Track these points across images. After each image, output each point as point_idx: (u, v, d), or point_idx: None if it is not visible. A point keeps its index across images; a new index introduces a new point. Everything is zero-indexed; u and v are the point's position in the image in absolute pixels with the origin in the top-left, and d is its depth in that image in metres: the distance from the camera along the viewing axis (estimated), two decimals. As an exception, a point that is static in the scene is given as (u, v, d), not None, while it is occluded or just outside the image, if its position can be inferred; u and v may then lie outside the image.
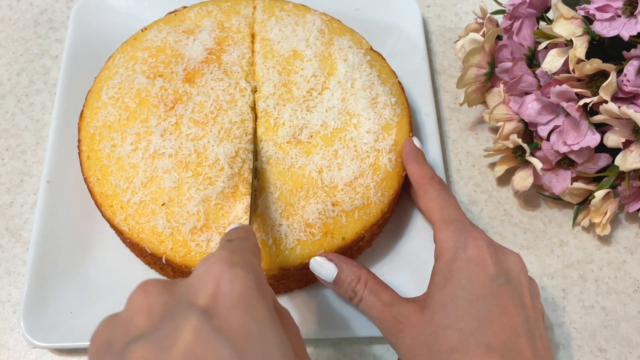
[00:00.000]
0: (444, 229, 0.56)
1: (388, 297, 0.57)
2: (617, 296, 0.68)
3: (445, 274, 0.54)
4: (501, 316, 0.51)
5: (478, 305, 0.52)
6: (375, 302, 0.57)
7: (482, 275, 0.53)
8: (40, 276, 0.63)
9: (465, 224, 0.56)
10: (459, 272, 0.53)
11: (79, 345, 0.61)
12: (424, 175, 0.62)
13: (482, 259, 0.54)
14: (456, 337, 0.51)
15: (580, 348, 0.66)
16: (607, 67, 0.60)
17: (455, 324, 0.51)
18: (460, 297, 0.52)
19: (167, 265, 0.60)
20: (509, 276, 0.54)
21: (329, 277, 0.59)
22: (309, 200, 0.60)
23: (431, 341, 0.52)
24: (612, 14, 0.60)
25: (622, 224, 0.72)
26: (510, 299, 0.52)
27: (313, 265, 0.59)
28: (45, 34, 0.83)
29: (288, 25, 0.70)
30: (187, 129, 0.63)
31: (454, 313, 0.52)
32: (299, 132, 0.64)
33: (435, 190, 0.60)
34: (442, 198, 0.59)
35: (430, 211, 0.59)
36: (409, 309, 0.55)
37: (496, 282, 0.53)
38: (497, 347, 0.50)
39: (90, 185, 0.63)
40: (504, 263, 0.55)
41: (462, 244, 0.55)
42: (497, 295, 0.52)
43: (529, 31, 0.67)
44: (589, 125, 0.63)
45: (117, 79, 0.66)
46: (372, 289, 0.57)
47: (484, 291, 0.52)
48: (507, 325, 0.51)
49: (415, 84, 0.76)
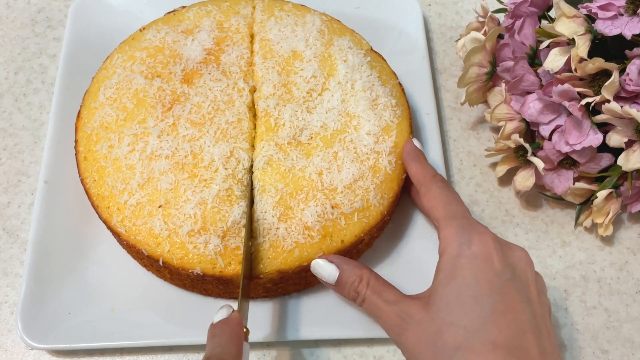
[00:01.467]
0: (448, 225, 0.56)
1: (391, 296, 0.56)
2: (619, 297, 0.68)
3: (449, 271, 0.53)
4: (507, 312, 0.51)
5: (483, 302, 0.51)
6: (379, 301, 0.56)
7: (488, 271, 0.52)
8: (38, 277, 0.62)
9: (469, 220, 0.56)
10: (464, 268, 0.53)
11: (77, 347, 0.60)
12: (425, 174, 0.62)
13: (487, 254, 0.53)
14: (461, 334, 0.50)
15: (582, 349, 0.65)
16: (609, 66, 0.59)
17: (459, 321, 0.51)
18: (464, 294, 0.52)
19: (165, 267, 0.60)
20: (515, 271, 0.54)
21: (331, 279, 0.58)
22: (308, 202, 0.60)
23: (436, 338, 0.51)
24: (615, 12, 0.60)
25: (625, 225, 0.72)
26: (516, 295, 0.52)
27: (314, 267, 0.59)
28: (43, 32, 0.83)
29: (287, 26, 0.70)
30: (184, 129, 0.62)
31: (458, 310, 0.51)
32: (299, 134, 0.63)
33: (438, 188, 0.59)
34: (445, 195, 0.59)
35: (434, 209, 0.58)
36: (413, 307, 0.54)
37: (502, 277, 0.52)
38: (502, 344, 0.49)
39: (87, 187, 0.63)
40: (510, 258, 0.54)
41: (466, 240, 0.54)
42: (503, 291, 0.52)
43: (531, 30, 0.67)
44: (591, 124, 0.63)
45: (115, 79, 0.66)
46: (375, 288, 0.57)
47: (489, 287, 0.52)
48: (513, 322, 0.50)
49: (416, 83, 0.75)
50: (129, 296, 0.63)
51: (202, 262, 0.58)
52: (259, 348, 0.63)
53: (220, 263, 0.58)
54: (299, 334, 0.62)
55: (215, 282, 0.60)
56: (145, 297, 0.64)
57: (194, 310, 0.63)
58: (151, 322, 0.62)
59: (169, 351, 0.63)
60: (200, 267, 0.58)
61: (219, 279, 0.59)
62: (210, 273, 0.58)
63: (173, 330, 0.61)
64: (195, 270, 0.58)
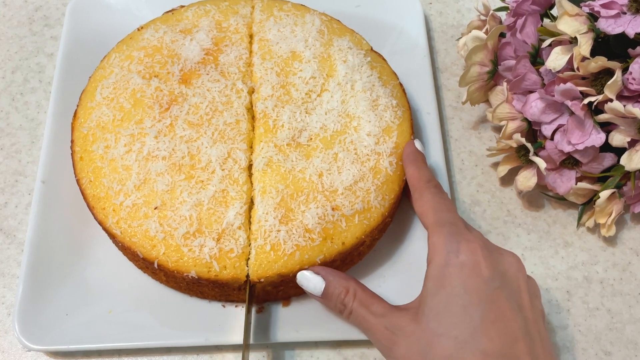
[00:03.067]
0: (437, 232, 0.55)
1: (379, 308, 0.55)
2: (622, 298, 0.67)
3: (437, 280, 0.53)
4: (496, 321, 0.51)
5: (472, 311, 0.51)
6: (366, 313, 0.56)
7: (476, 279, 0.52)
8: (35, 278, 0.62)
9: (458, 227, 0.56)
10: (452, 277, 0.52)
11: (74, 348, 0.60)
12: (420, 178, 0.61)
13: (475, 262, 0.53)
14: (451, 345, 0.50)
15: (585, 351, 0.65)
16: (612, 65, 0.59)
17: (449, 332, 0.51)
18: (453, 303, 0.51)
19: (160, 270, 0.59)
20: (505, 278, 0.53)
21: (316, 291, 0.58)
22: (309, 204, 0.60)
23: (426, 350, 0.51)
24: (617, 10, 0.60)
25: (628, 225, 0.72)
26: (506, 303, 0.52)
27: (300, 279, 0.58)
28: (40, 31, 0.82)
29: (287, 26, 0.69)
30: (181, 130, 0.62)
31: (447, 321, 0.51)
32: (298, 135, 0.63)
33: (430, 194, 0.59)
34: (436, 201, 0.58)
35: (425, 214, 0.58)
36: (402, 319, 0.54)
37: (491, 285, 0.52)
38: (493, 354, 0.49)
39: (83, 187, 0.62)
40: (500, 265, 0.54)
41: (454, 248, 0.54)
42: (492, 299, 0.51)
43: (533, 28, 0.67)
44: (594, 124, 0.63)
45: (112, 78, 0.66)
46: (362, 301, 0.56)
47: (477, 296, 0.51)
48: (503, 330, 0.50)
49: (417, 82, 0.75)
50: (126, 297, 0.63)
51: (197, 265, 0.58)
52: (259, 349, 0.63)
53: (215, 267, 0.58)
54: (298, 335, 0.61)
55: (210, 286, 0.60)
56: (143, 298, 0.63)
57: (192, 312, 0.63)
58: (149, 323, 0.62)
59: (166, 353, 0.63)
60: (195, 271, 0.58)
61: (214, 282, 0.59)
62: (206, 277, 0.58)
63: (171, 331, 0.61)
64: (190, 274, 0.58)
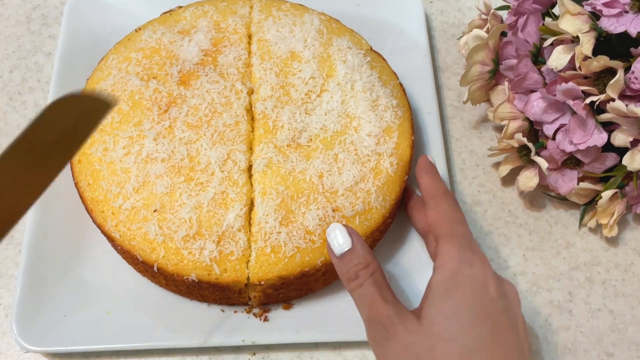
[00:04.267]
0: (450, 241, 0.55)
1: (390, 296, 0.54)
2: (625, 299, 0.67)
3: (448, 286, 0.53)
4: (502, 342, 0.51)
5: (480, 324, 0.51)
6: (375, 294, 0.53)
7: (485, 295, 0.52)
8: (33, 279, 0.62)
9: (472, 243, 0.56)
10: (464, 285, 0.52)
11: (73, 350, 0.60)
12: (437, 188, 0.61)
13: (485, 279, 0.53)
14: (456, 352, 0.50)
15: (587, 352, 0.64)
16: (614, 64, 0.59)
17: (456, 339, 0.50)
18: (464, 312, 0.51)
19: (159, 273, 0.59)
20: (508, 302, 0.54)
21: (338, 250, 0.56)
22: (309, 206, 0.59)
23: (426, 352, 0.50)
24: (620, 9, 0.60)
25: (630, 225, 0.71)
26: (508, 329, 0.52)
27: (329, 232, 0.57)
28: (38, 30, 0.82)
29: (285, 26, 0.69)
30: (180, 132, 0.62)
31: (456, 327, 0.51)
32: (298, 136, 0.62)
33: (447, 205, 0.59)
34: (453, 213, 0.58)
35: (438, 223, 0.57)
36: (408, 315, 0.53)
37: (497, 305, 0.52)
38: None
39: (81, 190, 0.62)
40: (503, 288, 0.54)
41: (468, 258, 0.54)
42: (497, 319, 0.52)
43: (534, 27, 0.66)
44: (596, 123, 0.62)
45: (110, 80, 0.65)
46: (377, 281, 0.54)
47: (486, 312, 0.51)
48: (506, 353, 0.51)
49: (418, 81, 0.75)
50: (125, 299, 0.63)
51: (197, 268, 0.57)
52: (259, 351, 0.63)
53: (216, 270, 0.57)
54: (299, 337, 0.61)
55: (211, 289, 0.59)
56: (142, 300, 0.63)
57: (191, 313, 0.62)
58: (147, 325, 0.61)
59: (165, 354, 0.62)
60: (195, 274, 0.57)
61: (214, 285, 0.58)
62: (206, 280, 0.58)
63: (169, 333, 0.61)
64: (190, 277, 0.57)
